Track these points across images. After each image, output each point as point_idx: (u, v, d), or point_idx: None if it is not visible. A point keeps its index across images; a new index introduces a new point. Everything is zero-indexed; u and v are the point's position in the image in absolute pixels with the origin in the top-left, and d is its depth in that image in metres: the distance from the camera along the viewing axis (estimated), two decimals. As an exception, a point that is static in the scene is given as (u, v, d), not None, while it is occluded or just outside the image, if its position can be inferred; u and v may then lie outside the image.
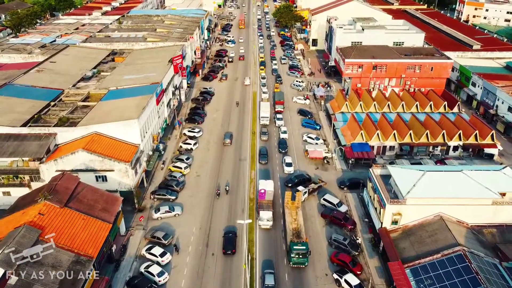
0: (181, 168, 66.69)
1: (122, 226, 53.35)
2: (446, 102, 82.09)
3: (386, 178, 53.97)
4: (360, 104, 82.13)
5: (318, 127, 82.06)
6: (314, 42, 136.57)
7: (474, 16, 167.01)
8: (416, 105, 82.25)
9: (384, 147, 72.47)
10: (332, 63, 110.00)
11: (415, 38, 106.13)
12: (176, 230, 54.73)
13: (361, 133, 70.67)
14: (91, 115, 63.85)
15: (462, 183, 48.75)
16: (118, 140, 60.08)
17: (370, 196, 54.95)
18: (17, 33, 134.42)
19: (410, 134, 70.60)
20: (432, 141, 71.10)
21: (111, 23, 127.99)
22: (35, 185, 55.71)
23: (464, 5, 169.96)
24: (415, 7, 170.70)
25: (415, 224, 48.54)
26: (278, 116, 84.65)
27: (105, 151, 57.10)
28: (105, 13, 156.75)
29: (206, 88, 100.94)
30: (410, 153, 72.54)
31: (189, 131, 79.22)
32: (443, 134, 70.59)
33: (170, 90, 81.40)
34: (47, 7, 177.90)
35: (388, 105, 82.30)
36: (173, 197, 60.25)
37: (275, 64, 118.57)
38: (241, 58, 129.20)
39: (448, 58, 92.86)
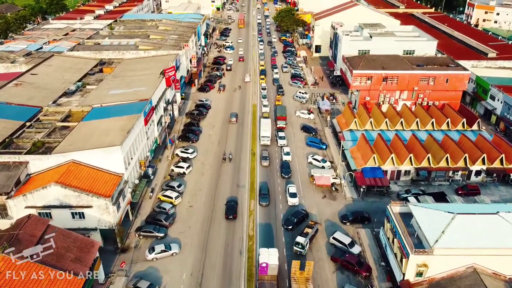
0: (171, 198, 59.24)
1: (101, 273, 45.96)
2: (465, 119, 74.70)
3: (407, 216, 46.56)
4: (371, 121, 74.72)
5: (324, 147, 74.62)
6: (318, 49, 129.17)
7: (484, 20, 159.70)
8: (432, 122, 74.93)
9: (399, 171, 65.09)
10: (337, 73, 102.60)
11: (427, 46, 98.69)
12: (163, 278, 47.26)
13: (373, 157, 63.25)
14: (69, 139, 56.38)
15: (499, 229, 41.36)
16: (98, 169, 52.68)
17: (388, 238, 47.51)
18: (3, 39, 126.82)
19: (428, 158, 63.20)
20: (452, 166, 63.69)
21: (102, 29, 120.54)
22: (2, 223, 48.37)
23: (473, 8, 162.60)
24: (422, 11, 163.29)
25: (444, 277, 41.11)
26: (280, 134, 77.12)
27: (83, 183, 49.69)
28: (97, 17, 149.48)
29: (202, 101, 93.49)
30: (428, 178, 65.17)
31: (182, 151, 71.78)
32: (465, 158, 63.24)
33: (161, 106, 73.97)
34: (38, 11, 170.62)
35: (401, 122, 74.90)
36: (161, 234, 52.82)
37: (276, 73, 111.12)
38: (241, 59, 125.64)
39: (465, 69, 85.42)
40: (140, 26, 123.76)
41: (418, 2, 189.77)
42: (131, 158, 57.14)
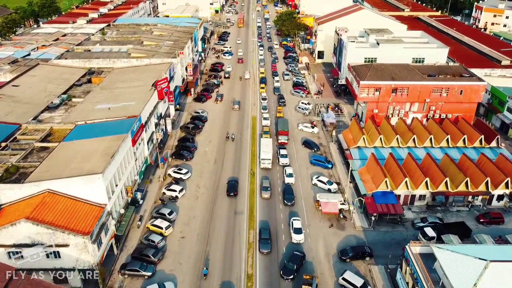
0: (161, 228, 53.18)
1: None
2: (483, 136, 68.71)
3: (429, 258, 40.57)
4: (380, 138, 68.74)
5: (329, 166, 68.57)
6: (320, 54, 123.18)
7: (492, 24, 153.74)
8: (447, 139, 68.96)
9: (413, 196, 59.10)
10: (342, 81, 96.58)
11: (438, 53, 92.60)
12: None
13: (386, 181, 57.23)
14: (47, 163, 50.30)
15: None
16: (77, 199, 46.68)
17: (408, 283, 41.46)
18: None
19: (446, 182, 57.18)
20: (472, 190, 57.66)
21: (93, 34, 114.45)
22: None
23: (481, 11, 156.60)
24: (428, 14, 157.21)
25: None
26: (282, 151, 70.97)
27: (58, 217, 43.70)
28: (91, 21, 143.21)
29: (198, 112, 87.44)
30: (445, 203, 59.16)
31: (175, 171, 65.74)
32: (486, 182, 57.24)
33: (152, 122, 67.91)
34: (30, 14, 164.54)
35: (414, 139, 68.90)
36: (149, 273, 46.79)
37: (277, 81, 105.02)
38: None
39: (480, 79, 79.40)
40: (133, 31, 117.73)
41: (424, 4, 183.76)
42: (116, 185, 51.08)
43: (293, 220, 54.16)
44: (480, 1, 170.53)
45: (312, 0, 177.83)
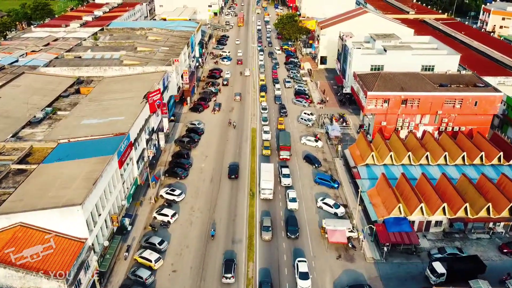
0: (151, 261, 47.82)
1: None
2: (502, 153, 63.40)
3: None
4: (391, 155, 63.44)
5: (335, 185, 63.19)
6: (323, 60, 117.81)
7: (501, 27, 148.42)
8: (463, 156, 63.72)
9: (429, 222, 53.75)
10: (347, 90, 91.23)
11: (449, 60, 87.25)
12: None
13: (399, 207, 51.92)
14: (22, 190, 44.96)
15: None
16: (54, 233, 41.32)
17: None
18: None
19: (466, 207, 51.86)
20: (494, 216, 52.32)
21: (85, 39, 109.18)
22: None
23: (489, 14, 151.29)
24: (434, 17, 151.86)
25: None
26: (284, 170, 65.21)
27: (31, 257, 38.33)
28: (84, 24, 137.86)
29: (194, 124, 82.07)
30: (464, 230, 53.84)
31: (167, 192, 60.35)
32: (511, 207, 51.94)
33: (143, 138, 62.57)
34: (22, 16, 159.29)
35: (427, 156, 63.60)
36: (135, 317, 41.55)
37: (278, 89, 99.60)
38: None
39: (496, 89, 74.03)
40: (127, 36, 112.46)
41: (429, 7, 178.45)
42: (99, 215, 45.72)
43: (299, 262, 47.59)
44: (488, 3, 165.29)
45: (314, 2, 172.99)
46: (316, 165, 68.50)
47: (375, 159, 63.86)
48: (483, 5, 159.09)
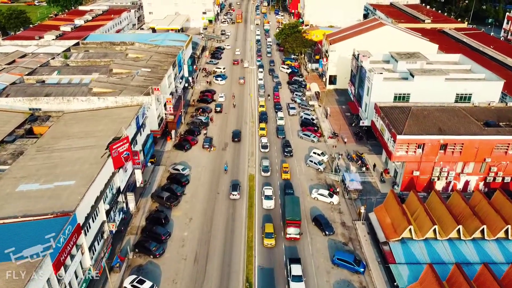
0: None
1: None
2: None
3: None
4: (435, 229, 47.53)
5: (361, 270, 47.16)
6: (332, 79, 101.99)
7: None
8: (530, 229, 47.85)
9: None
10: (365, 122, 75.26)
11: (490, 87, 71.37)
12: None
13: (461, 327, 36.02)
14: None
15: None
16: None
17: None
18: None
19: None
20: None
21: (53, 57, 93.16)
22: None
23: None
24: (454, 26, 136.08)
25: None
26: (294, 270, 45.74)
27: None
28: (61, 36, 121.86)
29: (178, 170, 65.99)
30: None
31: (132, 285, 44.29)
32: None
33: (102, 210, 46.49)
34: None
35: (483, 229, 47.74)
36: None
37: (281, 118, 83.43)
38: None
39: (560, 131, 58.33)
40: (104, 52, 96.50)
41: (445, 14, 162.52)
42: None
43: None
44: (511, 10, 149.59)
45: (318, 9, 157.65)
46: (327, 232, 52.53)
47: (413, 233, 47.97)
48: (507, 13, 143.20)
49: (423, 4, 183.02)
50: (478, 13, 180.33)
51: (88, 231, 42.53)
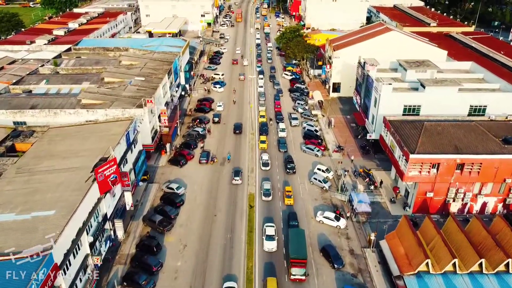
0: None
1: None
2: None
3: None
4: (455, 263, 42.92)
5: (373, 308, 42.65)
6: (336, 87, 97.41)
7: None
8: (560, 262, 43.21)
9: None
10: (373, 136, 70.64)
11: (506, 99, 66.78)
12: None
13: None
14: None
15: None
16: None
17: None
18: None
19: None
20: None
21: (43, 64, 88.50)
22: None
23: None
24: (461, 30, 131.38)
25: None
26: None
27: None
28: (53, 40, 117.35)
29: (172, 188, 61.24)
30: None
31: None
32: None
33: (85, 242, 41.84)
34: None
35: (508, 263, 43.15)
36: None
37: (283, 129, 78.80)
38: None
39: None
40: (97, 59, 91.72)
41: (451, 17, 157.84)
42: None
43: None
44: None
45: (320, 11, 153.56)
46: (336, 266, 47.83)
47: (431, 266, 43.37)
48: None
49: (428, 7, 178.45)
50: (484, 16, 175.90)
51: (68, 269, 37.88)
